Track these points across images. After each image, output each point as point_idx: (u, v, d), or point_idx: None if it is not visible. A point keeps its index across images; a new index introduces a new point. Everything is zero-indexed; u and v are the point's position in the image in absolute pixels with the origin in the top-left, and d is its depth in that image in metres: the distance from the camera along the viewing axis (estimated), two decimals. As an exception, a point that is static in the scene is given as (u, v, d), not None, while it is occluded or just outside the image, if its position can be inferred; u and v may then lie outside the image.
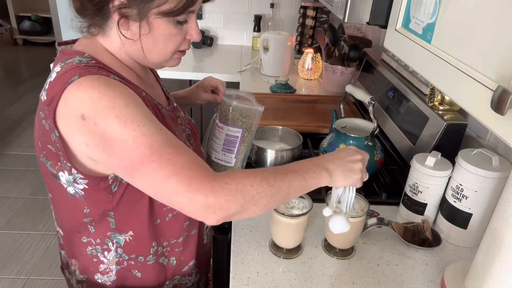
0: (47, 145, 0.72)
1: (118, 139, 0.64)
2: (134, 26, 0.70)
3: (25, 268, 2.10)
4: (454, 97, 0.58)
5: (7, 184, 2.75)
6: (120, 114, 0.63)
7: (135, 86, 0.74)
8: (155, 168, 0.64)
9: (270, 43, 2.06)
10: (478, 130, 1.06)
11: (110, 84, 0.66)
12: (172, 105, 0.89)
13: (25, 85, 4.37)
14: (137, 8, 0.68)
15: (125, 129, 0.63)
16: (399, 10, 0.77)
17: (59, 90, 0.66)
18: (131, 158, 0.64)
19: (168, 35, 0.73)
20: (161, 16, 0.69)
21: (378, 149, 1.18)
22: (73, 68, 0.67)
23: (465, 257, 0.93)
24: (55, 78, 0.68)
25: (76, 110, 0.64)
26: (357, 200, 0.91)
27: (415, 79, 1.28)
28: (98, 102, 0.63)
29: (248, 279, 0.83)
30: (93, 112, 0.63)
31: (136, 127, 0.64)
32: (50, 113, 0.67)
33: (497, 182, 0.85)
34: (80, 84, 0.65)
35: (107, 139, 0.64)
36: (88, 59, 0.70)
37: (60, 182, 0.75)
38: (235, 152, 1.04)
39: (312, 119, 1.59)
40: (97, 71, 0.67)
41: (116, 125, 0.63)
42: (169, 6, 0.68)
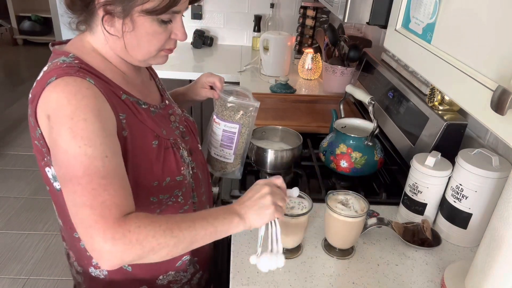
0: (34, 141, 0.75)
1: (62, 149, 0.65)
2: (118, 23, 0.72)
3: (25, 268, 2.10)
4: (454, 97, 0.58)
5: (7, 184, 2.75)
6: (74, 127, 0.65)
7: (115, 87, 0.76)
8: (76, 191, 0.64)
9: (270, 43, 2.06)
10: (478, 130, 1.06)
11: (80, 93, 0.67)
12: (165, 102, 0.90)
13: (25, 85, 4.37)
14: (121, 5, 0.69)
15: (72, 143, 0.64)
16: (399, 10, 0.77)
17: (39, 90, 0.69)
18: (65, 171, 0.65)
19: (152, 33, 0.74)
20: (144, 14, 0.71)
21: (378, 149, 1.18)
22: (55, 68, 0.70)
23: (465, 257, 0.93)
24: (40, 78, 0.71)
25: (46, 110, 0.67)
26: (357, 200, 0.91)
27: (415, 79, 1.28)
28: (62, 108, 0.65)
29: (248, 279, 0.83)
30: (54, 116, 0.66)
31: (82, 145, 0.65)
32: (32, 111, 0.70)
33: (497, 182, 0.85)
34: (55, 86, 0.67)
35: (55, 145, 0.66)
36: (72, 59, 0.72)
37: (48, 176, 0.77)
38: (233, 148, 1.05)
39: (312, 119, 1.59)
40: (74, 73, 0.69)
41: (66, 136, 0.65)
42: (152, 4, 0.70)
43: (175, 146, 0.84)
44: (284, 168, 1.20)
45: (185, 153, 0.87)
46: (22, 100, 3.98)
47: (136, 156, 0.77)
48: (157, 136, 0.80)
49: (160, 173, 0.80)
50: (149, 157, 0.79)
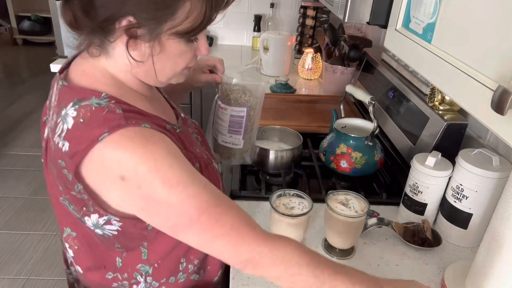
0: (71, 192, 0.67)
1: (164, 203, 0.62)
2: (143, 46, 0.65)
3: (25, 268, 2.10)
4: (454, 97, 0.58)
5: (7, 184, 2.75)
6: (166, 178, 0.61)
7: (157, 119, 0.70)
8: (203, 230, 0.63)
9: (270, 43, 2.06)
10: (478, 130, 1.06)
11: (149, 142, 0.62)
12: (181, 116, 0.85)
13: (25, 85, 4.37)
14: (148, 28, 0.63)
15: (172, 193, 0.61)
16: (399, 10, 0.77)
17: (86, 147, 0.61)
18: (177, 220, 0.63)
19: (179, 53, 0.69)
20: (175, 37, 0.65)
21: (378, 149, 1.18)
22: (96, 118, 0.62)
23: (465, 257, 0.93)
24: (75, 127, 0.63)
25: (115, 171, 0.61)
26: (357, 200, 0.91)
27: (415, 79, 1.28)
28: (141, 165, 0.60)
29: (248, 279, 0.83)
30: (135, 176, 0.60)
31: (182, 189, 0.62)
32: (72, 167, 0.63)
33: (497, 182, 0.85)
34: (116, 145, 0.61)
35: (151, 201, 0.62)
36: (107, 101, 0.64)
37: (85, 225, 0.71)
38: (242, 133, 1.00)
39: (312, 119, 1.59)
40: (126, 122, 0.62)
41: (161, 189, 0.61)
42: (185, 26, 0.64)
43: (209, 161, 0.81)
44: (284, 168, 1.20)
45: (216, 165, 0.84)
46: (22, 100, 3.98)
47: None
48: (196, 158, 0.77)
49: None
50: None
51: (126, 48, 0.64)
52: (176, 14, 0.63)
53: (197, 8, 0.64)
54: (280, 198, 0.91)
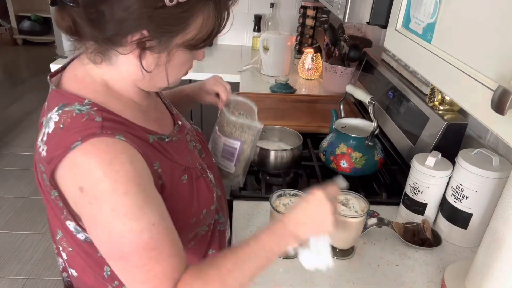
0: (50, 196, 0.67)
1: (105, 229, 0.61)
2: (151, 57, 0.65)
3: (25, 268, 2.10)
4: (454, 97, 0.58)
5: (7, 184, 2.74)
6: (115, 205, 0.60)
7: (139, 130, 0.69)
8: (127, 269, 0.62)
9: (270, 43, 2.06)
10: (478, 130, 1.06)
11: (116, 160, 0.60)
12: (178, 123, 0.83)
13: (25, 85, 4.37)
14: (159, 41, 0.63)
15: (115, 221, 0.60)
16: (399, 10, 0.77)
17: (60, 154, 0.61)
18: (111, 249, 0.62)
19: (184, 62, 0.70)
20: (185, 49, 0.67)
21: (378, 149, 1.18)
22: (74, 125, 0.62)
23: (465, 257, 0.93)
24: (54, 132, 0.63)
25: (77, 181, 0.61)
26: (357, 200, 0.91)
27: (415, 79, 1.28)
28: (99, 183, 0.59)
29: (248, 279, 0.83)
30: (90, 191, 0.60)
31: (127, 221, 0.60)
32: (48, 172, 0.63)
33: (497, 182, 0.85)
34: (84, 154, 0.60)
35: (95, 222, 0.62)
36: (88, 107, 0.64)
37: (69, 228, 0.71)
38: (234, 161, 1.00)
39: (312, 119, 1.59)
40: (100, 131, 0.61)
41: (107, 214, 0.60)
42: (196, 39, 0.66)
43: (203, 172, 0.80)
44: (284, 168, 1.20)
45: (211, 176, 0.83)
46: (22, 100, 3.98)
47: (172, 199, 0.71)
48: (185, 170, 0.75)
49: (197, 208, 0.76)
50: (183, 196, 0.74)
51: (139, 60, 0.65)
52: (189, 28, 0.64)
53: (209, 22, 0.66)
54: (280, 198, 0.91)
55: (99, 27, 0.61)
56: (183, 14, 0.62)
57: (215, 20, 0.66)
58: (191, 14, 0.63)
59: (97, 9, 0.60)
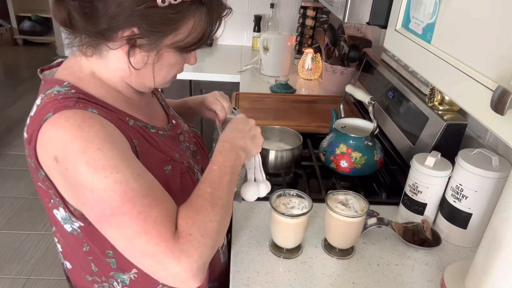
0: (38, 182, 0.68)
1: (88, 188, 0.59)
2: (140, 55, 0.67)
3: (25, 268, 2.10)
4: (454, 97, 0.58)
5: (7, 184, 2.75)
6: (91, 160, 0.58)
7: (120, 113, 0.70)
8: (123, 222, 0.58)
9: (270, 43, 2.06)
10: (478, 130, 1.06)
11: (85, 123, 0.60)
12: (172, 122, 0.84)
13: (25, 85, 4.37)
14: (150, 40, 0.65)
15: (96, 177, 0.58)
16: (399, 10, 0.77)
17: (36, 128, 0.62)
18: (101, 209, 0.59)
19: (174, 64, 0.71)
20: (174, 50, 0.68)
21: (378, 149, 1.18)
22: (50, 102, 0.63)
23: (465, 257, 0.93)
24: (34, 113, 0.64)
25: (50, 151, 0.61)
26: (357, 200, 0.91)
27: (415, 79, 1.28)
28: (70, 145, 0.59)
29: (248, 279, 0.83)
30: (64, 156, 0.59)
31: (108, 174, 0.58)
32: (32, 152, 0.63)
33: (497, 182, 0.85)
34: (53, 123, 0.60)
35: (77, 186, 0.60)
36: (67, 89, 0.65)
37: (57, 218, 0.71)
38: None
39: (312, 119, 1.59)
40: (73, 104, 0.62)
41: (86, 172, 0.58)
42: (186, 42, 0.67)
43: (190, 170, 0.80)
44: (284, 168, 1.20)
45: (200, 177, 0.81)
46: (22, 100, 3.98)
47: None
48: (170, 161, 0.75)
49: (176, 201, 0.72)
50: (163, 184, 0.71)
51: (127, 56, 0.66)
52: (179, 30, 0.65)
53: (200, 26, 0.67)
54: (280, 198, 0.91)
55: (92, 21, 0.62)
56: (174, 15, 0.63)
57: (206, 25, 0.68)
58: (182, 16, 0.64)
59: (91, 4, 0.62)
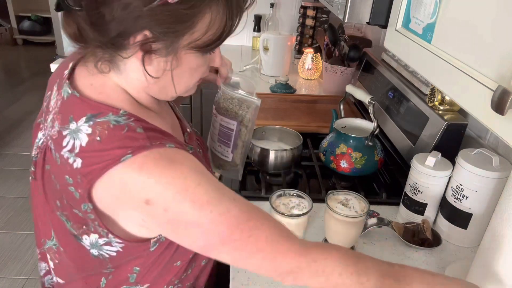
0: (73, 209, 0.63)
1: (193, 224, 0.58)
2: (157, 61, 0.61)
3: (25, 268, 2.10)
4: (454, 97, 0.58)
5: (7, 184, 2.74)
6: (196, 198, 0.57)
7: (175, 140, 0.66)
8: (236, 247, 0.60)
9: (270, 43, 2.06)
10: (478, 130, 1.06)
11: (174, 162, 0.58)
12: (187, 131, 0.81)
13: (25, 85, 4.37)
14: (165, 43, 0.59)
15: (202, 213, 0.58)
16: (399, 10, 0.77)
17: (104, 167, 0.57)
18: (208, 240, 0.59)
19: (196, 67, 0.66)
20: (194, 51, 0.62)
21: (378, 149, 1.18)
22: (116, 138, 0.58)
23: (465, 257, 0.93)
24: (90, 145, 0.59)
25: (139, 195, 0.57)
26: (357, 200, 0.91)
27: (415, 79, 1.28)
28: (169, 188, 0.57)
29: (248, 279, 0.83)
30: (162, 200, 0.57)
31: (213, 208, 0.58)
32: (84, 185, 0.59)
33: (497, 182, 0.85)
34: (140, 168, 0.57)
35: (179, 223, 0.59)
36: (125, 118, 0.60)
37: (81, 243, 0.67)
38: (230, 146, 0.93)
39: (312, 119, 1.59)
40: (150, 144, 0.58)
41: (191, 210, 0.57)
42: (205, 40, 0.61)
43: None
44: (284, 168, 1.20)
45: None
46: (22, 100, 3.98)
47: None
48: None
49: None
50: None
51: (142, 64, 0.60)
52: (195, 27, 0.59)
53: (218, 21, 0.61)
54: (280, 198, 0.91)
55: (101, 29, 0.57)
56: (187, 11, 0.57)
57: (226, 19, 0.61)
58: (197, 11, 0.58)
59: (98, 11, 0.56)
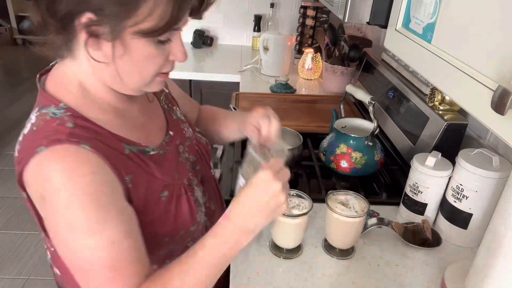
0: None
1: (63, 240, 0.60)
2: (106, 46, 0.59)
3: (25, 268, 2.10)
4: (454, 97, 0.58)
5: (7, 184, 2.75)
6: (71, 219, 0.58)
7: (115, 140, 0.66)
8: (86, 283, 0.61)
9: (270, 43, 2.06)
10: (478, 130, 1.06)
11: (76, 172, 0.58)
12: (169, 133, 0.79)
13: (25, 85, 4.37)
14: (109, 26, 0.57)
15: (71, 236, 0.58)
16: (399, 10, 0.77)
17: (27, 156, 0.59)
18: (70, 262, 0.61)
19: (148, 56, 0.62)
20: (140, 36, 0.59)
21: (378, 149, 1.18)
22: (45, 129, 0.61)
23: (465, 257, 0.93)
24: (28, 133, 0.62)
25: (39, 187, 0.60)
26: (357, 200, 0.91)
27: (415, 79, 1.28)
28: (57, 193, 0.58)
29: (248, 279, 0.83)
30: (50, 201, 0.58)
31: (83, 237, 0.58)
32: (17, 173, 0.62)
33: (497, 182, 0.85)
34: (46, 161, 0.58)
35: (54, 231, 0.61)
36: (63, 112, 0.63)
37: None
38: None
39: (312, 119, 1.59)
40: (66, 139, 0.59)
41: (64, 228, 0.59)
42: (149, 24, 0.58)
43: (189, 188, 0.76)
44: (284, 168, 1.20)
45: (199, 193, 0.78)
46: (22, 100, 3.98)
47: (145, 215, 0.68)
48: (167, 186, 0.71)
49: (171, 228, 0.72)
50: (157, 213, 0.70)
51: (85, 47, 0.60)
52: (138, 10, 0.57)
53: (162, 5, 0.58)
54: (280, 198, 0.91)
55: (52, 12, 0.58)
56: None
57: (171, 3, 0.58)
58: None
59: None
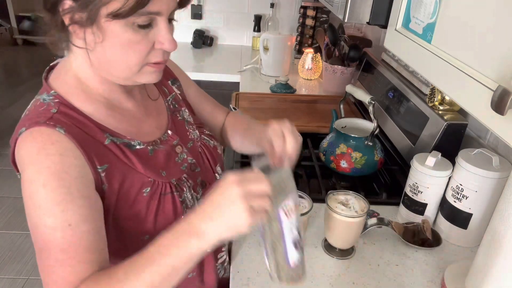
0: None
1: (28, 216, 0.61)
2: (88, 33, 0.61)
3: (25, 268, 2.10)
4: (454, 97, 0.58)
5: (7, 184, 2.75)
6: (33, 195, 0.60)
7: (98, 130, 0.67)
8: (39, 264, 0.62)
9: (270, 43, 2.06)
10: (478, 130, 1.06)
11: (43, 150, 0.60)
12: (167, 132, 0.78)
13: (25, 85, 4.37)
14: (87, 11, 0.58)
15: (32, 212, 0.60)
16: (399, 10, 0.77)
17: (14, 136, 0.64)
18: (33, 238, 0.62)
19: (127, 42, 0.61)
20: (111, 18, 0.59)
21: (378, 149, 1.18)
22: (32, 114, 0.65)
23: (465, 257, 0.93)
24: (24, 115, 0.67)
25: (20, 166, 0.63)
26: (357, 200, 0.91)
27: (415, 79, 1.28)
28: (26, 169, 0.61)
29: (248, 279, 0.83)
30: (21, 177, 0.62)
31: (41, 214, 0.59)
32: (11, 154, 0.66)
33: (497, 182, 0.85)
34: (23, 141, 0.62)
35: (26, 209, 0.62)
36: (51, 98, 0.66)
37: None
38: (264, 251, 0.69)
39: (312, 119, 1.59)
40: (44, 121, 0.62)
41: (27, 203, 0.61)
42: (116, 5, 0.57)
43: (177, 189, 0.73)
44: (284, 168, 1.20)
45: (189, 195, 0.75)
46: (22, 100, 3.98)
47: (121, 208, 0.67)
48: (151, 182, 0.70)
49: (152, 226, 0.70)
50: (137, 208, 0.69)
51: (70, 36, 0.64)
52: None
53: None
54: (280, 198, 0.91)
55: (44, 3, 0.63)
56: None
57: None
58: None
59: None
